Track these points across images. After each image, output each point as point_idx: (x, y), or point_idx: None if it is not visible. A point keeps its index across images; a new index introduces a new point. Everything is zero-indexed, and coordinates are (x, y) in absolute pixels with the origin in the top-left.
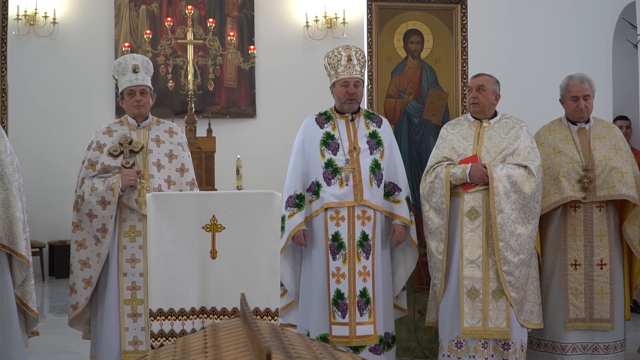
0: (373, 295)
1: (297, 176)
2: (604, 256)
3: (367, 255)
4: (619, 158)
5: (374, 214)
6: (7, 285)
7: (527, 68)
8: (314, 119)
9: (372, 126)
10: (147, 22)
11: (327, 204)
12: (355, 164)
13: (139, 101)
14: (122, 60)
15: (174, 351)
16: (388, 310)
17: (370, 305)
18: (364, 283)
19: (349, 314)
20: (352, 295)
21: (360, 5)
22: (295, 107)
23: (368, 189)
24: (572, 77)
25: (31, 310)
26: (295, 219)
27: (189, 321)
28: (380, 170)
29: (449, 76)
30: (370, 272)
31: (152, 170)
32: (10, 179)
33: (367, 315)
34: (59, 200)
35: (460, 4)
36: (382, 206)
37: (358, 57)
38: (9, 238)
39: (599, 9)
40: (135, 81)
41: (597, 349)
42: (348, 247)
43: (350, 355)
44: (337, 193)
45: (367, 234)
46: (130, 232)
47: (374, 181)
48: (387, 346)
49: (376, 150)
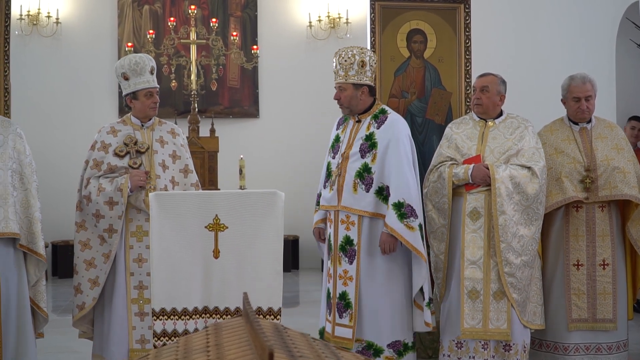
0: (355, 300)
1: (322, 175)
2: (606, 256)
3: (350, 260)
4: (621, 158)
5: (358, 219)
6: (24, 285)
7: (530, 67)
8: (338, 120)
9: (372, 127)
10: (150, 22)
11: (321, 206)
12: (342, 169)
13: (156, 102)
14: (140, 60)
15: (176, 350)
16: (393, 318)
17: (350, 309)
18: (343, 287)
19: (332, 314)
20: (334, 297)
21: (363, 5)
22: (298, 107)
23: (350, 194)
24: (573, 78)
25: (42, 310)
26: (316, 216)
27: (192, 321)
28: (370, 175)
29: (452, 76)
30: (353, 277)
31: (158, 170)
32: (29, 180)
33: (348, 319)
34: (62, 200)
35: (464, 4)
36: (373, 210)
37: (341, 60)
38: (28, 238)
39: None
40: (153, 82)
41: (600, 349)
42: (333, 249)
43: (353, 354)
44: (327, 196)
45: (351, 239)
46: (137, 232)
47: (361, 186)
48: (398, 354)
49: (368, 153)
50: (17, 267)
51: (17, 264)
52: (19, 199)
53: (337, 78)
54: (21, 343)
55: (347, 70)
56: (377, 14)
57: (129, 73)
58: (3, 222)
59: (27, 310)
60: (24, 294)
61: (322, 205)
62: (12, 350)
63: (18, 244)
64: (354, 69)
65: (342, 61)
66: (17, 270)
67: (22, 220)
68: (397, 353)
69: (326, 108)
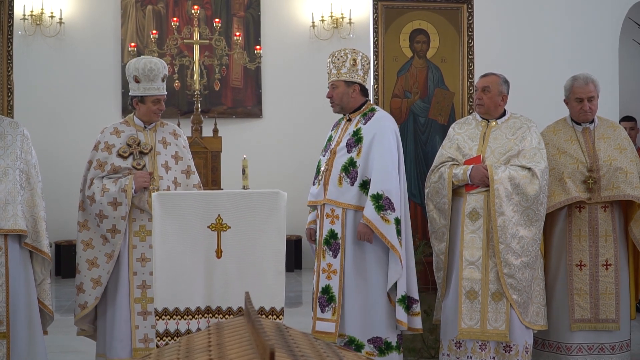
0: (339, 294)
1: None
2: (609, 256)
3: (334, 253)
4: (624, 158)
5: (342, 212)
6: (31, 284)
7: (532, 68)
8: (334, 123)
9: (360, 124)
10: (154, 22)
11: (308, 202)
12: (329, 164)
13: (161, 109)
14: (154, 67)
15: (178, 349)
16: (372, 314)
17: (334, 303)
18: (327, 280)
19: (313, 309)
20: (316, 291)
21: (366, 5)
22: (301, 107)
23: (335, 188)
24: (576, 78)
25: (47, 308)
26: (310, 217)
27: (194, 321)
28: (355, 168)
29: (455, 76)
30: (337, 270)
31: (160, 171)
32: (35, 180)
33: (330, 313)
34: (65, 200)
35: (466, 4)
36: (357, 204)
37: (334, 60)
38: (33, 237)
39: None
40: (163, 90)
41: (603, 349)
42: (318, 244)
43: (355, 354)
44: (314, 192)
45: (335, 232)
46: (141, 231)
47: (346, 179)
48: (380, 352)
49: (354, 148)
50: (23, 266)
51: (23, 263)
52: (25, 198)
53: (330, 77)
54: (32, 341)
55: (340, 68)
56: (380, 14)
57: (142, 77)
58: (12, 219)
59: (35, 309)
60: (31, 293)
61: (310, 201)
62: (24, 348)
63: (23, 242)
64: (346, 67)
65: (335, 60)
66: (24, 268)
67: (27, 219)
68: (377, 349)
69: (329, 108)
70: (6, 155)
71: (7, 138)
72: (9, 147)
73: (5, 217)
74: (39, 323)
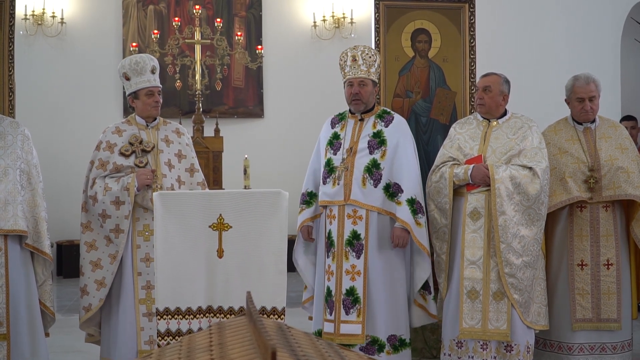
0: (364, 295)
1: (310, 174)
2: (610, 256)
3: (357, 254)
4: (625, 158)
5: (366, 214)
6: (32, 285)
7: (534, 67)
8: (330, 119)
9: (379, 125)
10: (155, 22)
11: (320, 201)
12: (349, 164)
13: (157, 102)
14: (140, 60)
15: (179, 349)
16: (394, 312)
17: (359, 304)
18: (351, 282)
19: (334, 312)
20: (338, 293)
21: (367, 4)
22: (302, 107)
23: (359, 189)
24: (577, 78)
25: (49, 309)
26: (303, 215)
27: (196, 320)
28: (379, 170)
29: (457, 75)
30: (361, 271)
31: (164, 169)
32: (36, 180)
33: (355, 315)
34: (67, 200)
35: (468, 3)
36: (380, 206)
37: (364, 56)
38: (34, 237)
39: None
40: (154, 82)
41: (605, 349)
42: (337, 245)
43: (356, 353)
44: (329, 192)
45: (358, 233)
46: (144, 231)
47: (369, 181)
48: (394, 349)
49: (377, 150)
50: (24, 267)
51: (24, 264)
52: (26, 198)
53: (357, 72)
54: (33, 342)
55: (370, 67)
56: (381, 14)
57: (130, 73)
58: (12, 220)
59: (36, 310)
60: (32, 294)
61: (323, 201)
62: (25, 349)
63: (24, 243)
64: (374, 66)
65: (366, 57)
66: (25, 269)
67: (28, 219)
68: (392, 347)
69: (330, 108)
70: (6, 155)
71: (7, 138)
72: (10, 147)
73: (5, 217)
74: (40, 324)
